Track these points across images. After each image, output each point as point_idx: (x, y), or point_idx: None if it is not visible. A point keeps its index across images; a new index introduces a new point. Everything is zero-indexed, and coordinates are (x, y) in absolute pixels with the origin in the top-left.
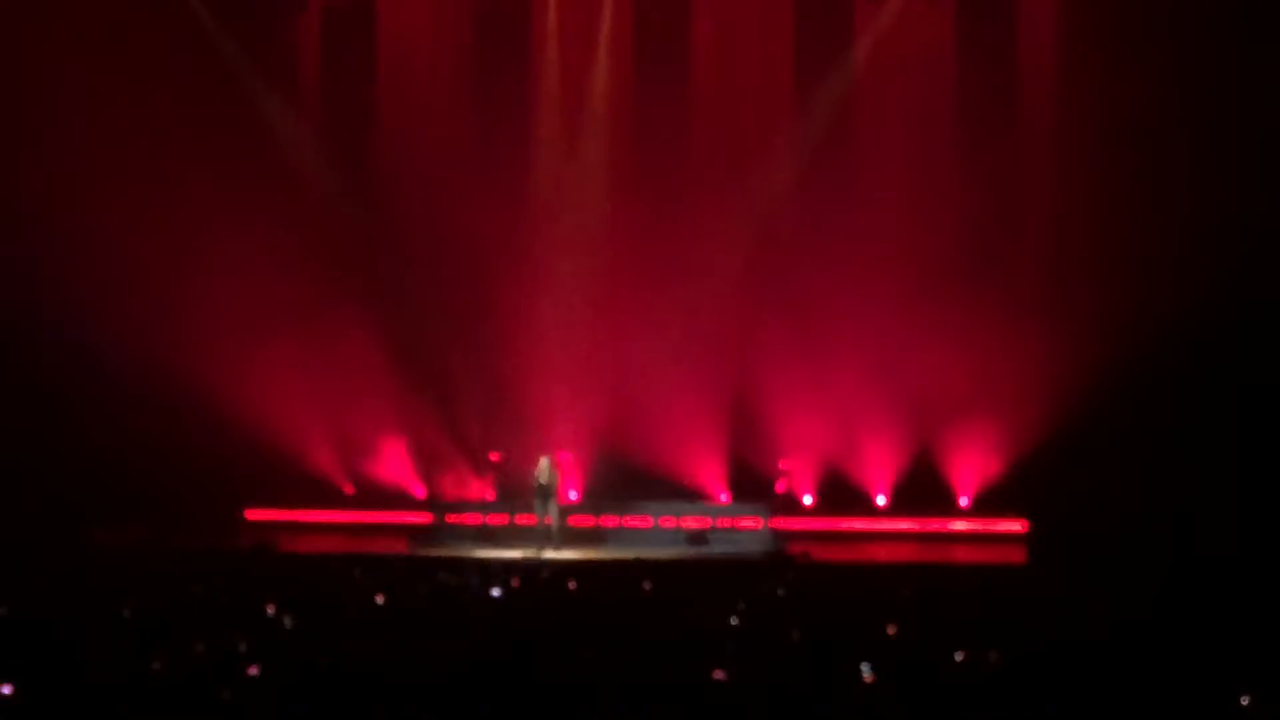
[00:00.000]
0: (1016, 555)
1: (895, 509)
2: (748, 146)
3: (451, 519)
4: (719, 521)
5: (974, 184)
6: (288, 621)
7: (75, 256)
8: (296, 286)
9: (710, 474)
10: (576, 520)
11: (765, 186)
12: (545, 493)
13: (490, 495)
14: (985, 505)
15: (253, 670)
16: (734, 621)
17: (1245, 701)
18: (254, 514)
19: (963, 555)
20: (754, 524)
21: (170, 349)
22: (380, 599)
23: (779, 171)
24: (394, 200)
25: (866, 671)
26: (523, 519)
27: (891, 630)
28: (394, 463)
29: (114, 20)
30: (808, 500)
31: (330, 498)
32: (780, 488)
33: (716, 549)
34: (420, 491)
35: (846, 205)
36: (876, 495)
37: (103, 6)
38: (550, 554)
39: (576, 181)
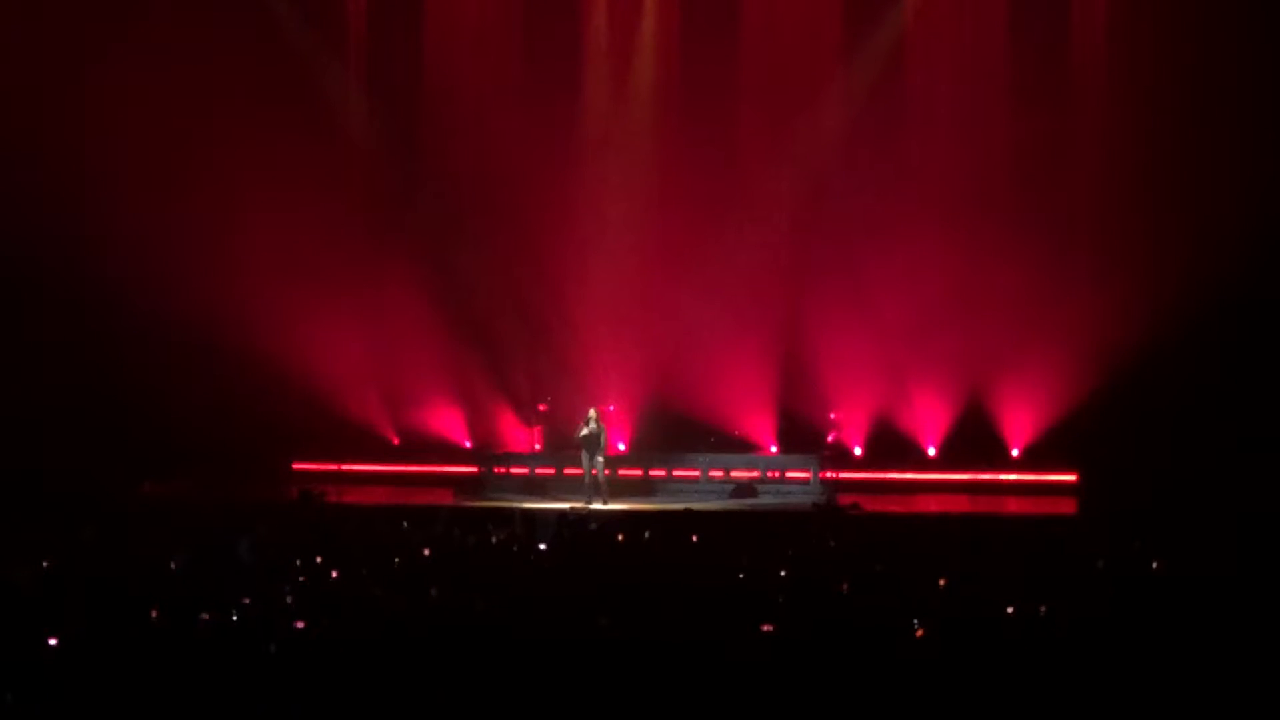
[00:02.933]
0: (1068, 507)
1: (946, 460)
2: (797, 95)
3: (499, 470)
4: (768, 473)
5: (1025, 134)
6: (334, 573)
7: (128, 213)
8: (344, 240)
9: (759, 425)
10: (625, 472)
11: (815, 137)
12: (593, 444)
13: (538, 445)
14: (1036, 456)
15: (299, 625)
16: (783, 574)
17: None
18: (301, 465)
19: (1014, 507)
20: (803, 475)
21: (219, 303)
22: (427, 552)
23: (828, 121)
24: (442, 153)
25: (916, 626)
26: (570, 471)
27: (942, 583)
28: (441, 414)
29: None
30: (858, 451)
31: (377, 449)
32: (830, 439)
33: (765, 500)
34: (467, 442)
35: (897, 155)
36: (927, 446)
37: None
38: (598, 506)
39: (624, 133)
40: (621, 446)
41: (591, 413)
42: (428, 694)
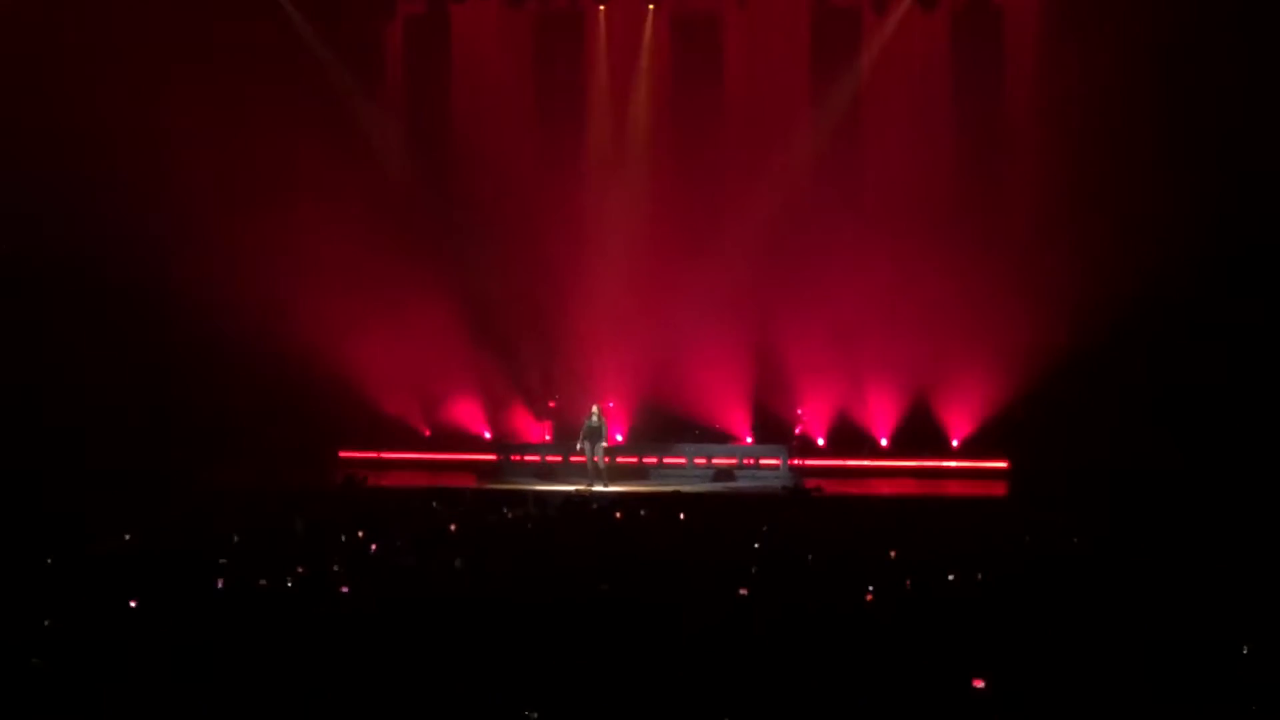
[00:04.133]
0: (999, 489)
1: (896, 449)
2: (771, 139)
3: (514, 458)
4: (744, 460)
5: (964, 169)
6: (373, 546)
7: (199, 236)
8: (384, 259)
9: (737, 419)
10: (622, 459)
11: (785, 173)
12: (595, 435)
13: (548, 437)
14: (973, 446)
15: (344, 589)
16: (756, 546)
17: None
18: (346, 453)
19: (953, 489)
20: (774, 462)
21: (276, 314)
22: (453, 527)
23: (797, 159)
24: (467, 183)
25: (869, 591)
26: (575, 458)
27: (893, 554)
28: (465, 409)
29: (234, 31)
30: (821, 441)
31: (410, 439)
32: (797, 430)
33: (742, 484)
34: (487, 434)
35: (855, 188)
36: (880, 437)
37: (229, 27)
38: (599, 488)
39: (623, 170)
40: (619, 437)
41: (594, 409)
42: (454, 648)
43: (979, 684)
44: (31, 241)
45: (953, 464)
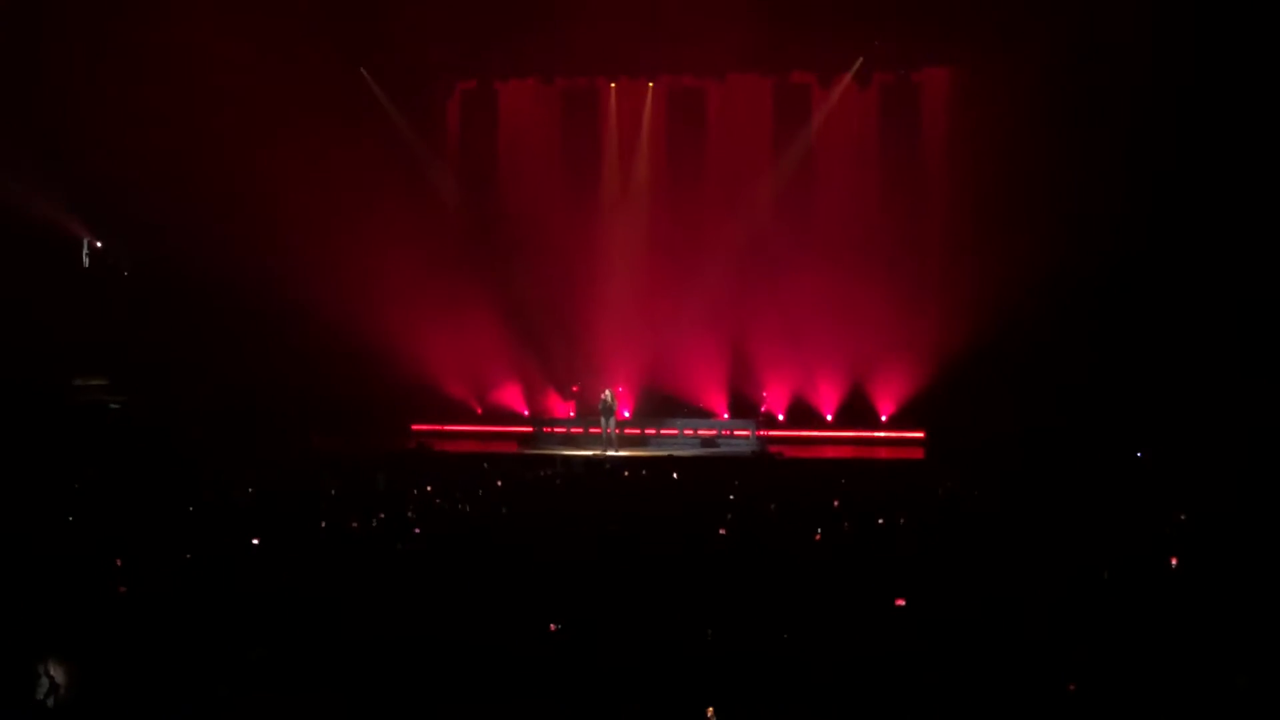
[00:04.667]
0: (917, 454)
1: (838, 422)
2: (742, 184)
3: (546, 430)
4: (722, 431)
5: (890, 206)
6: (437, 501)
7: (307, 261)
8: (446, 277)
9: (716, 399)
10: (629, 430)
11: (753, 210)
12: (608, 412)
13: (572, 413)
14: (898, 420)
15: (416, 531)
16: (731, 497)
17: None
18: (417, 426)
19: (882, 454)
20: (745, 433)
21: (364, 319)
22: (499, 483)
23: (762, 199)
24: (508, 218)
25: (817, 532)
26: (593, 430)
27: (835, 504)
28: (508, 391)
29: (332, 103)
30: (780, 417)
31: (466, 415)
32: (762, 408)
33: (721, 449)
34: (525, 411)
35: (806, 222)
36: (826, 413)
37: (329, 99)
38: (611, 453)
39: (628, 208)
40: (626, 414)
41: (606, 392)
42: (497, 573)
43: (900, 603)
44: (186, 269)
45: (882, 434)
